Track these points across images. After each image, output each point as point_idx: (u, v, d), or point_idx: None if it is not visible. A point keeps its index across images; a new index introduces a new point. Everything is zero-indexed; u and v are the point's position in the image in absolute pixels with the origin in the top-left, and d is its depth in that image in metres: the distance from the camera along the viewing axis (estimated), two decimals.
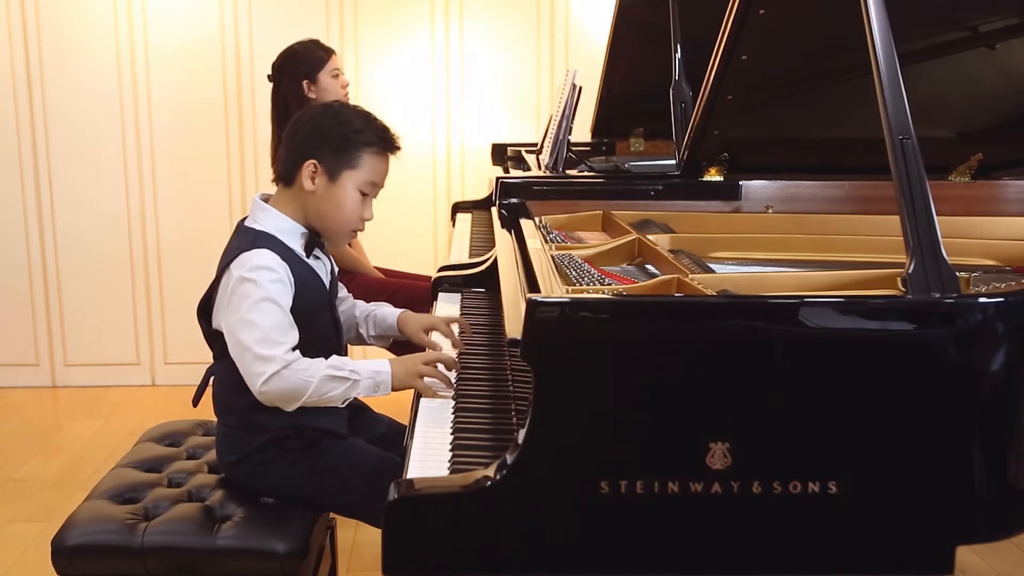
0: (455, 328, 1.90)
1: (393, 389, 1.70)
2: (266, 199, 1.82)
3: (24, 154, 4.04)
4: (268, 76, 2.96)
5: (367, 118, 1.80)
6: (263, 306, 1.67)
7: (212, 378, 1.87)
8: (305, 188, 1.75)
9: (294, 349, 1.68)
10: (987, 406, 1.22)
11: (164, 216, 4.11)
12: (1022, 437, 1.23)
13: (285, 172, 1.79)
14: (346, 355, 1.80)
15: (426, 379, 1.67)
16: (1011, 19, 2.12)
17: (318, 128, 1.77)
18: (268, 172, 2.92)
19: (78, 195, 4.07)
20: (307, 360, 1.68)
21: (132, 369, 4.21)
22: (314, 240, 1.80)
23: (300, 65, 2.89)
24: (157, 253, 4.13)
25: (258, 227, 1.76)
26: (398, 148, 1.81)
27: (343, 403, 1.74)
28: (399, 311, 1.98)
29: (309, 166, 1.75)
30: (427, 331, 1.91)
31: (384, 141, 1.79)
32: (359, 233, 1.90)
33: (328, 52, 2.92)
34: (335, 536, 2.14)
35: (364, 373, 1.68)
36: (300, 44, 2.93)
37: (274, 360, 1.64)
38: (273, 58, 2.94)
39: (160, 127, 4.05)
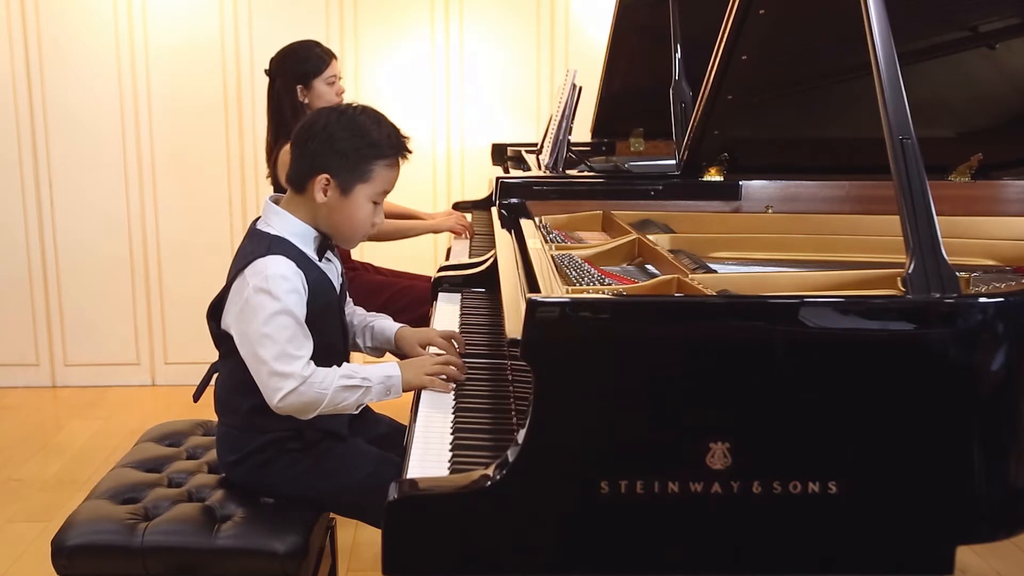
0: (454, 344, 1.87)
1: (403, 391, 1.71)
2: (277, 201, 1.80)
3: (24, 154, 4.03)
4: (265, 70, 2.86)
5: (381, 125, 1.74)
6: (279, 319, 1.66)
7: (215, 375, 1.87)
8: (316, 200, 1.72)
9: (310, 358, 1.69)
10: (987, 406, 1.22)
11: (164, 216, 4.10)
12: (1022, 437, 1.23)
13: (296, 180, 1.75)
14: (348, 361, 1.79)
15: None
16: (1011, 19, 2.12)
17: (331, 140, 1.71)
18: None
19: (78, 195, 4.07)
20: (322, 372, 1.68)
21: (132, 369, 4.21)
22: (326, 243, 1.79)
23: (296, 66, 2.78)
24: (157, 253, 4.13)
25: (272, 231, 1.75)
26: (410, 153, 1.78)
27: (356, 409, 1.75)
28: (397, 326, 1.96)
29: (321, 180, 1.71)
30: (424, 346, 1.89)
31: (397, 151, 1.75)
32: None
33: (328, 57, 2.81)
34: (335, 536, 2.14)
35: (375, 379, 1.69)
36: (301, 44, 2.83)
37: (292, 376, 1.64)
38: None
39: (160, 127, 4.04)
